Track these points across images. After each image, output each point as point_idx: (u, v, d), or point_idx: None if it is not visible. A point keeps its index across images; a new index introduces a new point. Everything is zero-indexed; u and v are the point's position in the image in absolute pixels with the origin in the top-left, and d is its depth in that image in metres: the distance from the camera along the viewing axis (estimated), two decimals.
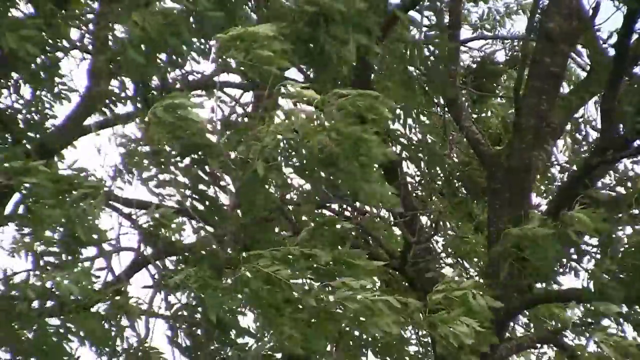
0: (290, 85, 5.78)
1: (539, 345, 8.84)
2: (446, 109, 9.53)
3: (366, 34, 6.50)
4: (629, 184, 8.53)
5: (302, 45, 6.40)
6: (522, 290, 7.57)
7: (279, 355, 6.85)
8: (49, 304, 6.64)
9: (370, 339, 6.86)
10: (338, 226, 6.39)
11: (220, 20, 6.33)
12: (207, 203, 6.53)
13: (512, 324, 9.00)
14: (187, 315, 6.53)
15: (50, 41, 7.30)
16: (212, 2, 6.35)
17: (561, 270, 7.46)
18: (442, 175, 10.20)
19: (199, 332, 6.62)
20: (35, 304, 6.58)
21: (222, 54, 5.89)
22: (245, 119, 7.94)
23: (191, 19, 6.44)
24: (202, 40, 6.63)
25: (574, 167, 9.87)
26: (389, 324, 5.80)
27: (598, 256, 7.51)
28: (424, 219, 9.54)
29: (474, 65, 10.54)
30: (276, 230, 7.68)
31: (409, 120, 9.53)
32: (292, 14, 6.28)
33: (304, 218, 7.80)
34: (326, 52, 6.37)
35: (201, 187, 6.45)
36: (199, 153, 6.24)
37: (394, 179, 8.76)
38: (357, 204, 8.95)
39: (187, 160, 6.34)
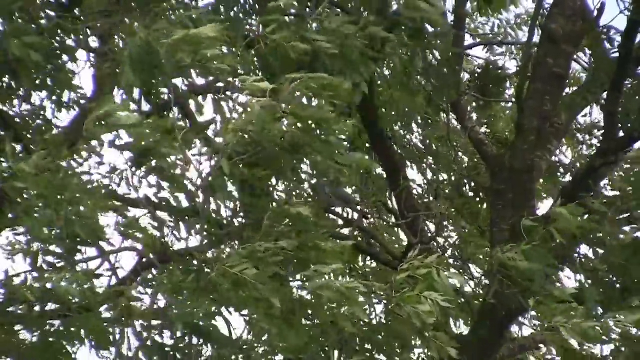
0: (244, 80, 5.81)
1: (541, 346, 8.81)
2: (450, 110, 9.54)
3: (360, 73, 6.59)
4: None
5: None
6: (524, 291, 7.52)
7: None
8: (51, 306, 6.67)
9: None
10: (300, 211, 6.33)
11: None
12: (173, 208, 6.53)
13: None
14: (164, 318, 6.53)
15: (56, 45, 7.32)
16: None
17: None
18: (447, 179, 10.23)
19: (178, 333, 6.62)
20: (37, 306, 6.61)
21: (171, 56, 5.93)
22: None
23: None
24: None
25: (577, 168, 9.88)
26: (360, 310, 5.85)
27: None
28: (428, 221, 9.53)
29: (479, 70, 10.52)
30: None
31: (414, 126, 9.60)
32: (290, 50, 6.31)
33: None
34: None
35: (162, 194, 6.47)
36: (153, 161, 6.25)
37: (396, 182, 8.81)
38: (359, 207, 8.97)
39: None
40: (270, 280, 5.86)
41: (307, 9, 7.54)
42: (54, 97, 7.89)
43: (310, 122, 5.74)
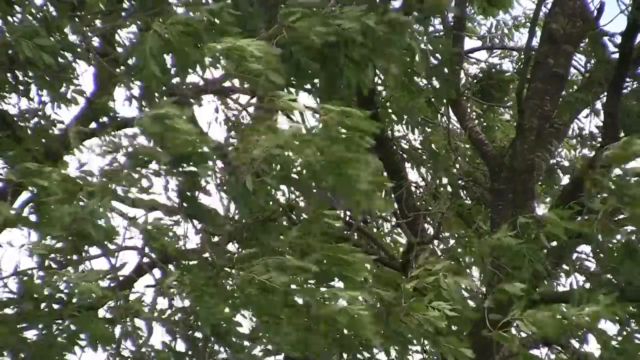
0: (281, 97, 5.83)
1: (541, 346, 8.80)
2: (450, 112, 9.54)
3: (385, 58, 6.58)
4: None
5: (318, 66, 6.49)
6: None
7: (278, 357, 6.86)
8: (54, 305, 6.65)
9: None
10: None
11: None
12: (198, 209, 6.54)
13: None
14: (183, 320, 6.53)
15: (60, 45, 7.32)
16: (232, 16, 6.41)
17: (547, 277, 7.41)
18: (447, 182, 10.24)
19: (195, 335, 6.61)
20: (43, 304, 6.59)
21: (214, 63, 5.96)
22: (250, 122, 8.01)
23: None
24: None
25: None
26: (373, 335, 5.89)
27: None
28: (426, 224, 9.54)
29: (480, 75, 10.50)
30: (280, 229, 7.67)
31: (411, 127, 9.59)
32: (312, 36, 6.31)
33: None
34: (344, 76, 6.45)
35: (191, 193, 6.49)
36: (189, 162, 6.28)
37: (396, 182, 8.80)
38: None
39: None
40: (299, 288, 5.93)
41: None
42: (55, 95, 7.90)
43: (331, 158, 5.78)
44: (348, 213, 9.19)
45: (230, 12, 6.18)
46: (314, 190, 6.23)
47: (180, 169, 6.19)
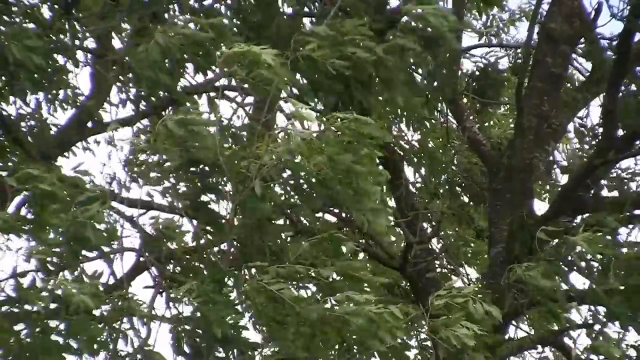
0: (289, 104, 5.88)
1: (539, 346, 8.79)
2: (448, 111, 9.53)
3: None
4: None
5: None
6: (522, 291, 7.54)
7: None
8: (51, 306, 6.64)
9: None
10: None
11: None
12: (205, 214, 6.58)
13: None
14: (189, 326, 6.55)
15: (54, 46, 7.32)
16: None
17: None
18: (442, 180, 10.23)
19: (200, 341, 6.62)
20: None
21: (225, 67, 6.00)
22: (247, 121, 8.02)
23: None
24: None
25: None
26: (391, 332, 5.86)
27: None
28: (424, 222, 9.52)
29: (477, 73, 10.46)
30: (279, 230, 7.65)
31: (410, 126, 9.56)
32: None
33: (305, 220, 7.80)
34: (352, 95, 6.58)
35: (201, 199, 6.53)
36: (203, 167, 6.32)
37: (395, 180, 8.79)
38: None
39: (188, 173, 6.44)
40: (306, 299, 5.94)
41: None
42: (49, 97, 7.90)
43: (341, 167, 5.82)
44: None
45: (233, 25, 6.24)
46: (318, 200, 6.26)
47: (192, 171, 6.26)
